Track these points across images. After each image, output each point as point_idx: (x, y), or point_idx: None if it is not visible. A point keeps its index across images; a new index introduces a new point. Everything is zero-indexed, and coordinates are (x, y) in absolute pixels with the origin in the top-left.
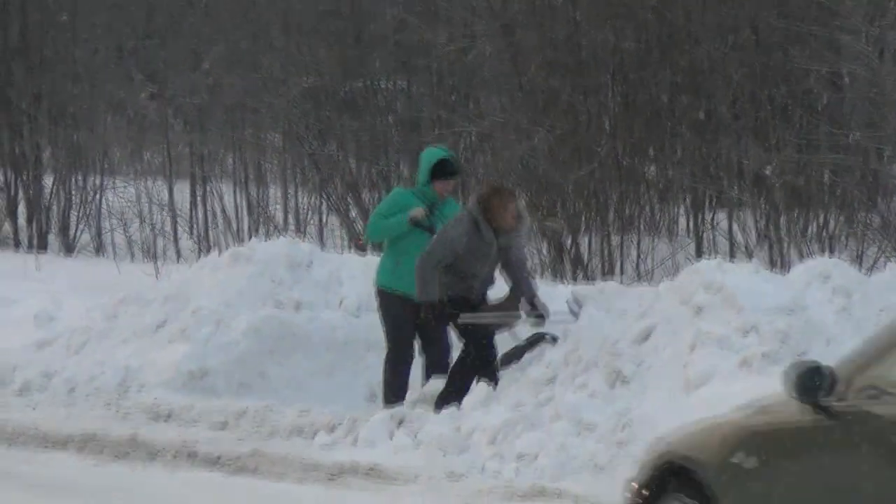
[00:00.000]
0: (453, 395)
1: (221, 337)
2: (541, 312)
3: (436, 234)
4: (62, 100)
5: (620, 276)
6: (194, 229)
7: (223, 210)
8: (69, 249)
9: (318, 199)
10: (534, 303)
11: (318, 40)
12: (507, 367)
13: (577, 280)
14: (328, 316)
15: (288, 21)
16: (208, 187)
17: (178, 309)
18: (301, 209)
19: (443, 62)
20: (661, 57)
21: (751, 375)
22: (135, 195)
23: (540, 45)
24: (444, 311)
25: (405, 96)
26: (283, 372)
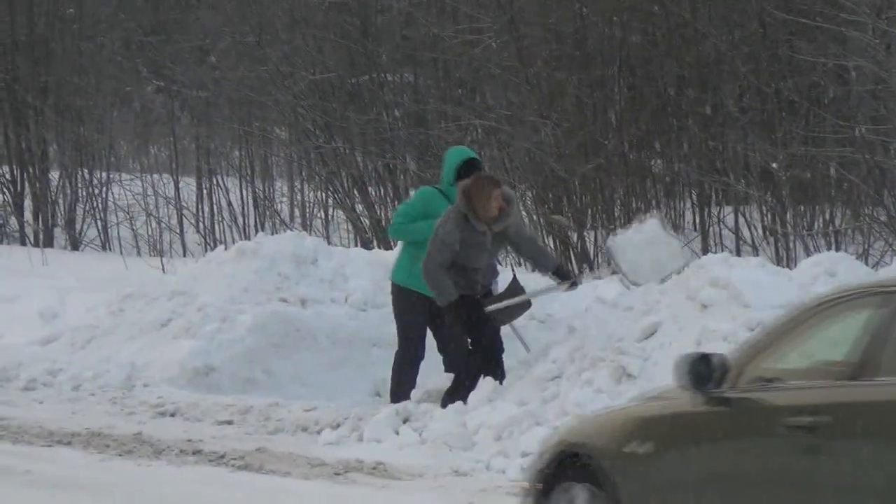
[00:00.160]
0: (459, 392)
1: (227, 333)
2: (573, 279)
3: (430, 238)
4: (68, 94)
5: None
6: (200, 224)
7: (229, 204)
8: (75, 244)
9: (324, 194)
10: (559, 272)
11: (325, 34)
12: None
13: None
14: (334, 311)
15: (294, 15)
16: (214, 181)
17: (183, 305)
18: (307, 203)
19: (449, 56)
20: (667, 51)
21: None
22: (141, 189)
23: (546, 39)
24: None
25: (412, 90)
26: (288, 368)
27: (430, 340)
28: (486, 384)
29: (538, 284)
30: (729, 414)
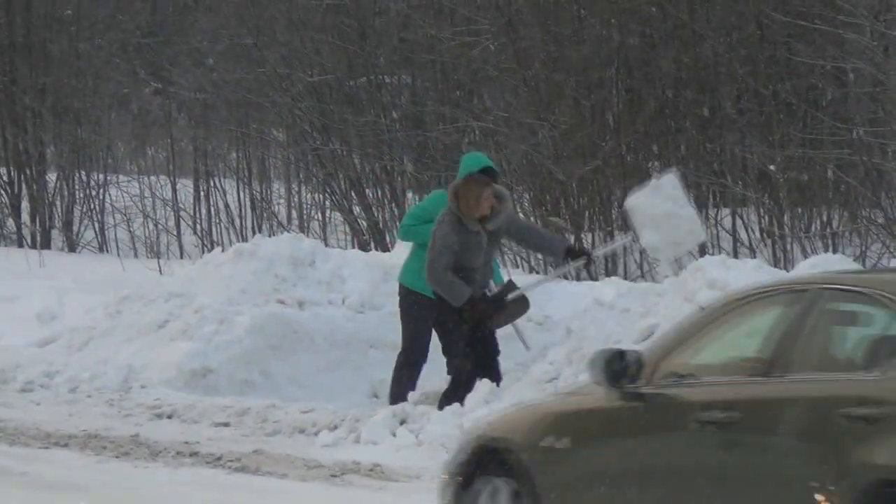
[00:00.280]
0: (457, 394)
1: (224, 335)
2: (587, 253)
3: (429, 244)
4: (66, 95)
5: (624, 273)
6: (198, 226)
7: (227, 206)
8: (72, 246)
9: (321, 196)
10: (571, 250)
11: (322, 36)
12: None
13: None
14: (331, 313)
15: (292, 16)
16: (212, 183)
17: (180, 307)
18: (305, 205)
19: (447, 58)
20: (665, 53)
21: None
22: (138, 191)
23: (544, 41)
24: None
25: (409, 92)
26: (285, 370)
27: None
28: (483, 386)
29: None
30: (642, 409)
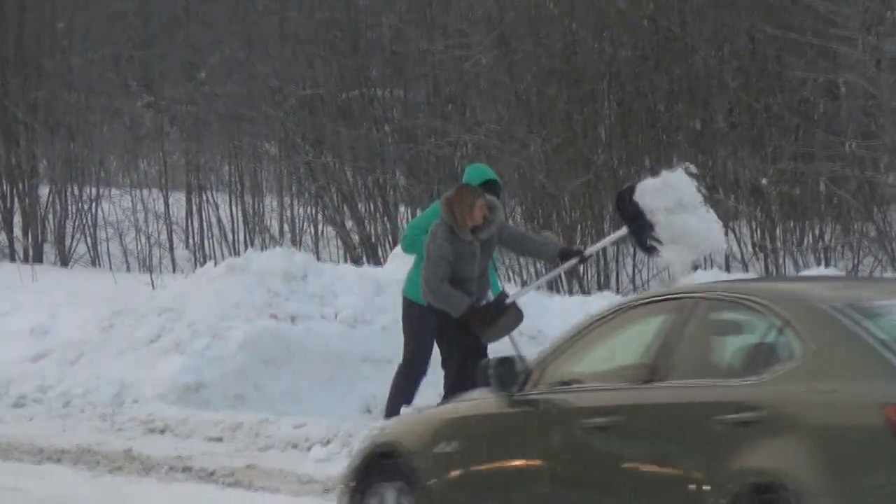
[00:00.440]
0: None
1: (217, 349)
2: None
3: (424, 259)
4: (58, 109)
5: (616, 287)
6: (190, 240)
7: (219, 220)
8: (65, 260)
9: (313, 209)
10: (565, 253)
11: (315, 49)
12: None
13: (573, 293)
14: (324, 328)
15: (284, 30)
16: (204, 197)
17: (173, 321)
18: (297, 219)
19: (439, 71)
20: (657, 66)
21: None
22: (130, 205)
23: (536, 55)
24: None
25: (401, 105)
26: (278, 385)
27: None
28: None
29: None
30: (529, 415)
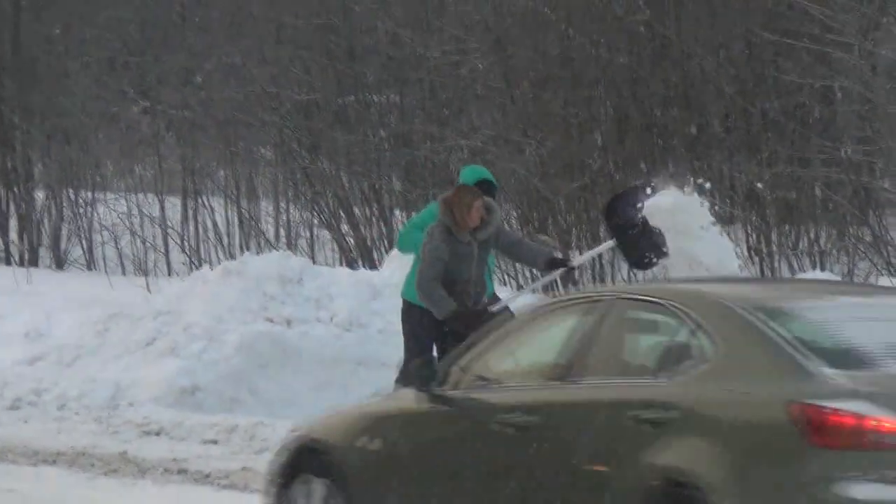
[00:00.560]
0: None
1: (212, 353)
2: (568, 264)
3: (419, 256)
4: (54, 114)
5: None
6: (186, 244)
7: (215, 224)
8: (60, 264)
9: (309, 214)
10: (553, 261)
11: (311, 54)
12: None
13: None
14: (319, 331)
15: (280, 35)
16: (200, 201)
17: (168, 324)
18: (293, 223)
19: (435, 76)
20: (653, 71)
21: None
22: (126, 209)
23: (532, 60)
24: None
25: (397, 110)
26: (274, 387)
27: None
28: None
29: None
30: (449, 412)
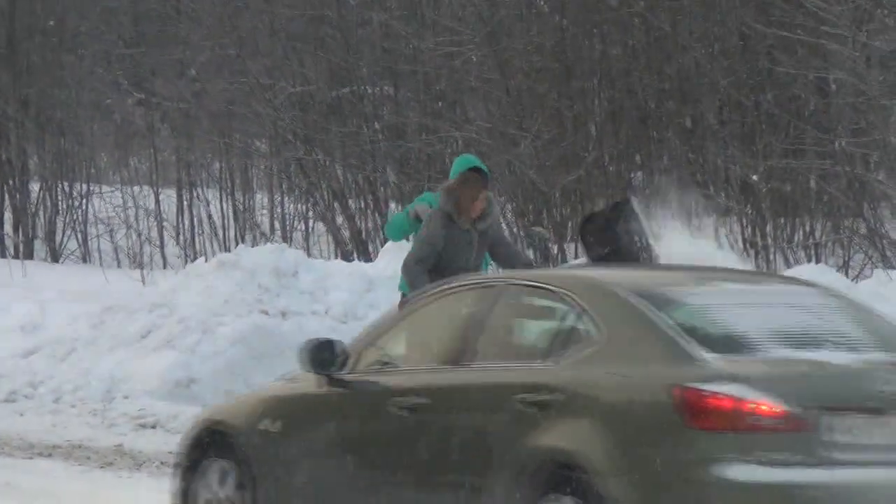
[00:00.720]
0: None
1: (207, 345)
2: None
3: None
4: (49, 106)
5: None
6: (181, 236)
7: (209, 217)
8: (55, 256)
9: (304, 206)
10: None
11: (305, 46)
12: None
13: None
14: (314, 324)
15: (274, 27)
16: (195, 194)
17: (164, 317)
18: (287, 216)
19: (429, 68)
20: (647, 63)
21: None
22: (121, 202)
23: (526, 51)
24: None
25: (392, 102)
26: (268, 380)
27: None
28: None
29: None
30: (346, 395)
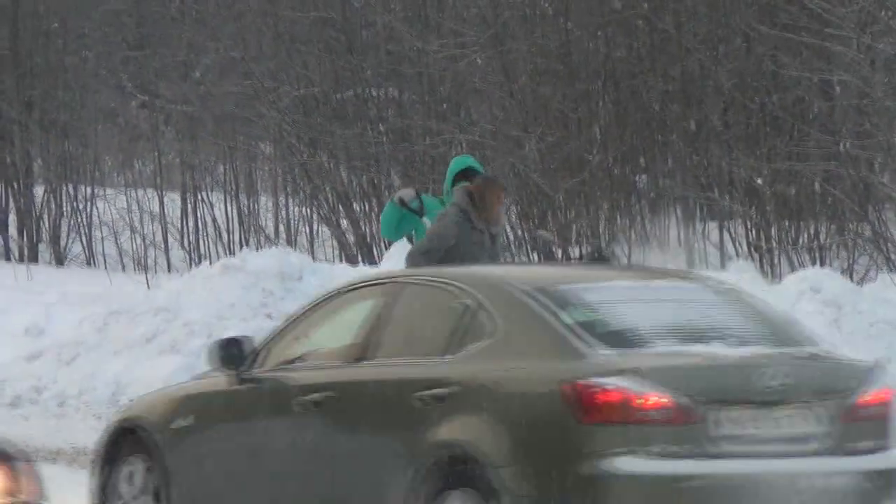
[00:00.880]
0: None
1: None
2: None
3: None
4: (53, 109)
5: None
6: (185, 240)
7: (214, 220)
8: (60, 260)
9: (308, 209)
10: None
11: (309, 49)
12: None
13: None
14: None
15: (279, 30)
16: (199, 197)
17: (168, 321)
18: (292, 219)
19: (434, 71)
20: (652, 66)
21: None
22: (125, 205)
23: (531, 54)
24: None
25: (396, 105)
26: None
27: None
28: None
29: None
30: (255, 392)
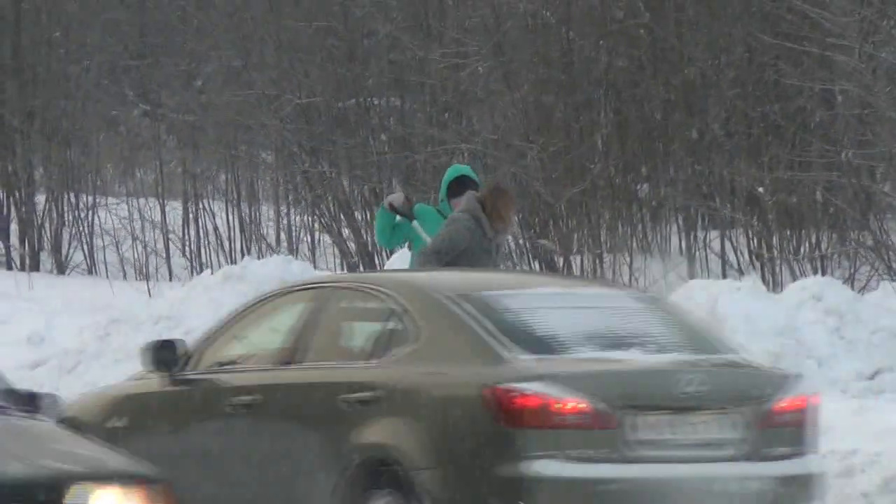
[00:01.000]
0: None
1: None
2: None
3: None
4: (55, 117)
5: None
6: (187, 248)
7: (215, 228)
8: (61, 268)
9: (310, 218)
10: None
11: (311, 58)
12: None
13: None
14: None
15: (281, 38)
16: (201, 205)
17: (170, 329)
18: (293, 228)
19: (436, 80)
20: (653, 75)
21: None
22: (127, 213)
23: (533, 63)
24: None
25: (398, 114)
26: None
27: None
28: None
29: None
30: (187, 393)
